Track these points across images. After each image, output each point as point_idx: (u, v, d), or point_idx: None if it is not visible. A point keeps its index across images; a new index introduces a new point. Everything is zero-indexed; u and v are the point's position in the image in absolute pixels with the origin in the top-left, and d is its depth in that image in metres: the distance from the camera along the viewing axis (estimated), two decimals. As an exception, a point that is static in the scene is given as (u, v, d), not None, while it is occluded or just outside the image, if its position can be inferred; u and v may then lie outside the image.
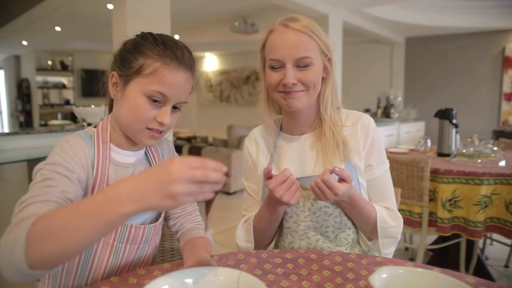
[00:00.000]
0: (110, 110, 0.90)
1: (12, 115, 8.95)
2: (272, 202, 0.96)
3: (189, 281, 0.65)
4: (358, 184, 1.02)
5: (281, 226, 1.06)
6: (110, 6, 4.02)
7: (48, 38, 6.16)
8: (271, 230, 1.05)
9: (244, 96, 8.14)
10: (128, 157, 0.88)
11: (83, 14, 4.52)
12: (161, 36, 0.83)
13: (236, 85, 8.28)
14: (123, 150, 0.87)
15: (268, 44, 0.97)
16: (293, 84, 0.94)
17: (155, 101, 0.79)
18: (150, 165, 0.93)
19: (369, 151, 1.02)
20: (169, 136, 2.88)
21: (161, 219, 0.94)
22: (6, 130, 2.29)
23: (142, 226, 0.86)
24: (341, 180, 0.88)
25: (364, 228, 1.02)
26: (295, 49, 0.92)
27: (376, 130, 1.04)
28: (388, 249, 1.02)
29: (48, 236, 0.54)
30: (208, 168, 0.53)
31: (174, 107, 0.84)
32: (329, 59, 1.00)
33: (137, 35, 0.85)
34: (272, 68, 0.96)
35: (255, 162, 1.11)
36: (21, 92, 8.51)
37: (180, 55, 0.80)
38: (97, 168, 0.80)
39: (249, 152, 1.13)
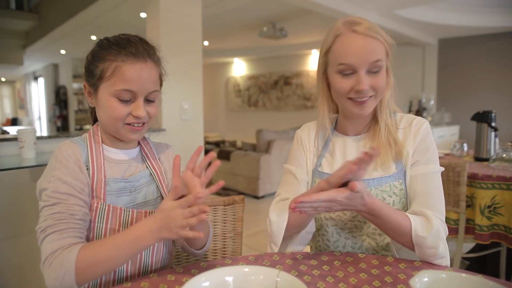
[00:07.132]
0: (95, 118, 0.96)
1: (50, 120, 9.40)
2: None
3: (229, 279, 0.66)
4: (405, 189, 0.99)
5: (326, 224, 1.04)
6: (143, 15, 4.16)
7: (84, 46, 6.37)
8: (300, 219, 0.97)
9: (273, 100, 8.14)
10: (121, 155, 0.94)
11: (117, 23, 4.69)
12: (116, 37, 0.87)
13: (264, 90, 8.30)
14: (115, 149, 0.93)
15: (336, 48, 0.95)
16: (367, 90, 0.93)
17: (124, 100, 0.84)
18: (146, 165, 0.97)
19: (418, 147, 0.99)
20: (199, 140, 2.93)
21: None
22: (45, 134, 2.42)
23: (143, 211, 0.90)
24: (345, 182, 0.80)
25: (399, 240, 0.91)
26: (368, 54, 0.91)
27: (429, 131, 1.00)
28: (437, 259, 0.88)
29: (95, 266, 0.74)
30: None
31: (148, 100, 0.88)
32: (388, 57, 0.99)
33: (95, 44, 0.90)
34: (342, 74, 0.95)
35: (306, 149, 1.11)
36: (59, 99, 8.93)
37: (134, 50, 0.84)
38: (92, 162, 0.86)
39: (302, 139, 1.13)
